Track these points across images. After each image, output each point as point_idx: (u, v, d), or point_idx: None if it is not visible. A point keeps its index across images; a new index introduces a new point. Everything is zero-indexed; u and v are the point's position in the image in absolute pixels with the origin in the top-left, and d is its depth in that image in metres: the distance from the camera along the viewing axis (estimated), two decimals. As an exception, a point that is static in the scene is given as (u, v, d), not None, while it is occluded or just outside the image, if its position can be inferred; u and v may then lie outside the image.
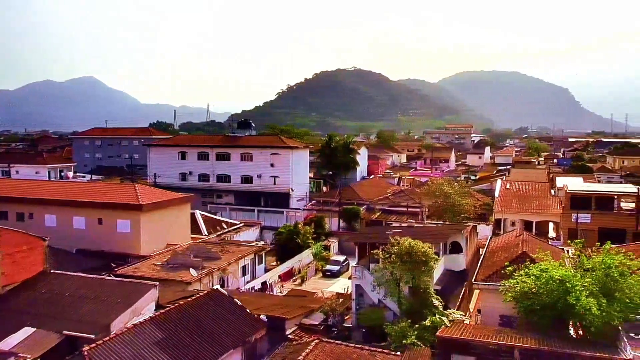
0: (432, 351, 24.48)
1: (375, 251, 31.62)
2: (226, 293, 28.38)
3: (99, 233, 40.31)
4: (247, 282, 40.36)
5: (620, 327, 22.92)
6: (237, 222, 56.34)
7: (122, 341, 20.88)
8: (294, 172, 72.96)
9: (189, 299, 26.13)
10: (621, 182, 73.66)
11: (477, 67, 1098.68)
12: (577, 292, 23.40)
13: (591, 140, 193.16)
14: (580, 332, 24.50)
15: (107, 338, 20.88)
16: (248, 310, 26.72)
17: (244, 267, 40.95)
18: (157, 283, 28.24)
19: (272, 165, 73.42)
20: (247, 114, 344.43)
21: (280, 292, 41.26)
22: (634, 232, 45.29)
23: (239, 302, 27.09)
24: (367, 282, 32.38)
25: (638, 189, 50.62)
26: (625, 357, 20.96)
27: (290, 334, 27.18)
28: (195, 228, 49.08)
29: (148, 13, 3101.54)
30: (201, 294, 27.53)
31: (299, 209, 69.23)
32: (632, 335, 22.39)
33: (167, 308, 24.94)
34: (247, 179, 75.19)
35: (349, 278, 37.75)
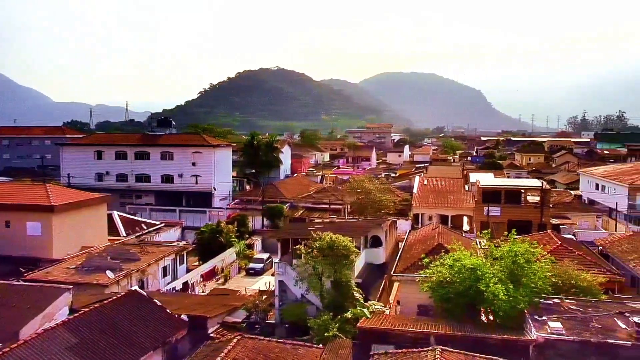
0: (353, 342, 25.03)
1: (297, 247, 31.88)
2: (145, 294, 27.60)
3: (6, 237, 37.92)
4: (168, 283, 39.42)
5: (525, 311, 24.48)
6: (158, 223, 54.85)
7: (31, 348, 19.76)
8: (216, 171, 71.93)
9: (105, 302, 25.18)
10: (528, 178, 78.58)
11: (396, 69, 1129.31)
12: (487, 279, 24.80)
13: (501, 139, 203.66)
14: (491, 317, 25.92)
15: (14, 345, 19.71)
16: (168, 311, 26.12)
17: (164, 268, 39.95)
18: (71, 287, 26.97)
19: (193, 164, 71.99)
20: (168, 112, 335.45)
21: (203, 292, 40.65)
22: (538, 224, 48.46)
23: (158, 303, 26.42)
24: (289, 278, 32.60)
25: (542, 183, 54.28)
26: (530, 338, 22.44)
27: (212, 333, 26.86)
28: (113, 229, 47.30)
29: (58, 1, 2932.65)
30: (118, 295, 26.61)
31: (222, 208, 68.39)
32: (536, 317, 23.93)
33: (82, 311, 23.90)
34: (167, 179, 73.28)
35: (273, 275, 37.83)
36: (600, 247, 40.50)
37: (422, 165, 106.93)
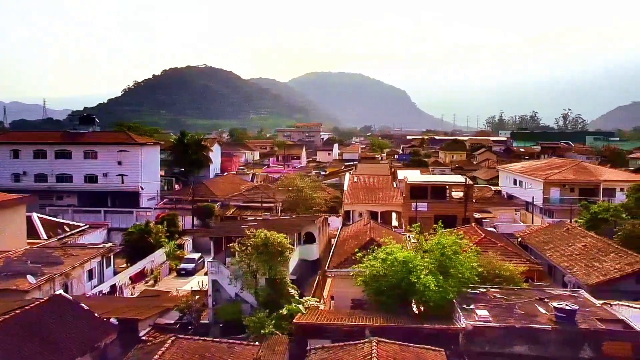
0: (289, 338, 25.09)
1: (231, 244, 31.52)
2: (70, 298, 26.37)
3: None
4: (95, 286, 37.82)
5: (454, 300, 25.52)
6: (82, 224, 52.40)
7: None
8: (143, 170, 69.68)
9: (27, 307, 23.82)
10: (451, 174, 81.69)
11: (325, 69, 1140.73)
12: (418, 272, 25.63)
13: (426, 137, 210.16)
14: (422, 308, 26.80)
15: None
16: (96, 315, 25.11)
17: (90, 271, 38.25)
18: (-13, 293, 25.33)
19: (119, 163, 69.38)
20: (89, 110, 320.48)
21: (132, 294, 39.32)
22: (463, 218, 50.56)
23: (85, 307, 25.33)
24: (223, 277, 32.16)
25: (465, 179, 56.65)
26: (460, 327, 23.42)
27: (144, 336, 26.09)
28: (32, 232, 44.67)
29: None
30: (41, 300, 25.25)
31: (150, 208, 66.39)
32: (464, 306, 25.00)
33: (1, 318, 22.48)
34: (91, 179, 70.16)
35: (205, 274, 37.20)
36: (519, 239, 42.91)
37: (352, 163, 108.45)
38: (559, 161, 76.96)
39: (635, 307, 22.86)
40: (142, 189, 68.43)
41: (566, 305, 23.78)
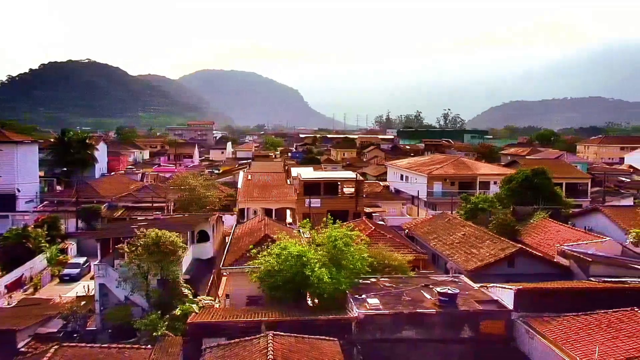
0: (183, 339, 24.60)
1: (120, 246, 30.22)
2: None
3: None
4: (-36, 298, 34.53)
5: (347, 291, 26.43)
6: (-54, 231, 47.47)
7: None
8: (20, 170, 64.27)
9: None
10: (343, 171, 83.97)
11: (217, 66, 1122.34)
12: (312, 265, 26.26)
13: (318, 136, 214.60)
14: (317, 300, 27.47)
15: None
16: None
17: (-43, 282, 34.89)
18: None
19: (-8, 163, 63.44)
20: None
21: (9, 304, 36.32)
22: (354, 212, 52.34)
23: (-47, 319, 23.14)
24: (111, 280, 30.78)
25: (356, 175, 58.65)
26: (352, 316, 24.32)
27: (23, 347, 24.33)
28: None
29: None
30: None
31: (28, 211, 61.40)
32: (357, 296, 26.00)
33: None
34: (-42, 181, 63.50)
35: (92, 279, 35.30)
36: (406, 230, 45.29)
37: (246, 161, 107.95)
38: (440, 157, 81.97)
39: (507, 288, 25.05)
40: (19, 190, 63.17)
41: (448, 289, 25.57)
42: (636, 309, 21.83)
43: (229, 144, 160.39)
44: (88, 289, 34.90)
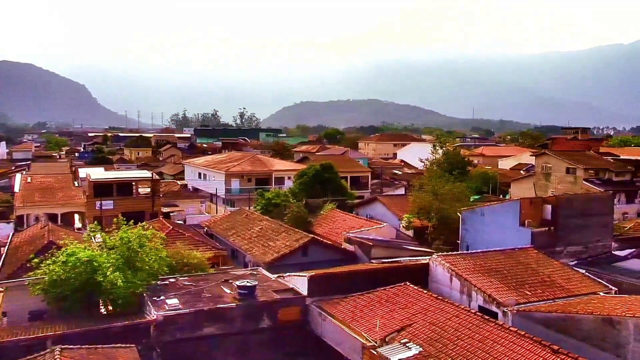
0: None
1: None
2: None
3: None
4: None
5: (145, 294, 25.50)
6: None
7: None
8: None
9: None
10: (138, 170, 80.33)
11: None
12: (104, 269, 24.70)
13: (109, 134, 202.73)
14: (111, 307, 25.97)
15: None
16: None
17: None
18: None
19: None
20: None
21: None
22: (151, 213, 50.53)
23: None
24: None
25: (152, 174, 56.71)
26: (150, 319, 23.56)
27: None
28: None
29: None
30: None
31: None
32: (155, 298, 25.25)
33: None
34: None
35: None
36: (205, 228, 45.32)
37: (24, 163, 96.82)
38: (237, 155, 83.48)
39: (301, 275, 26.75)
40: None
41: (247, 282, 26.34)
42: (407, 283, 25.14)
43: (3, 144, 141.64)
44: None
